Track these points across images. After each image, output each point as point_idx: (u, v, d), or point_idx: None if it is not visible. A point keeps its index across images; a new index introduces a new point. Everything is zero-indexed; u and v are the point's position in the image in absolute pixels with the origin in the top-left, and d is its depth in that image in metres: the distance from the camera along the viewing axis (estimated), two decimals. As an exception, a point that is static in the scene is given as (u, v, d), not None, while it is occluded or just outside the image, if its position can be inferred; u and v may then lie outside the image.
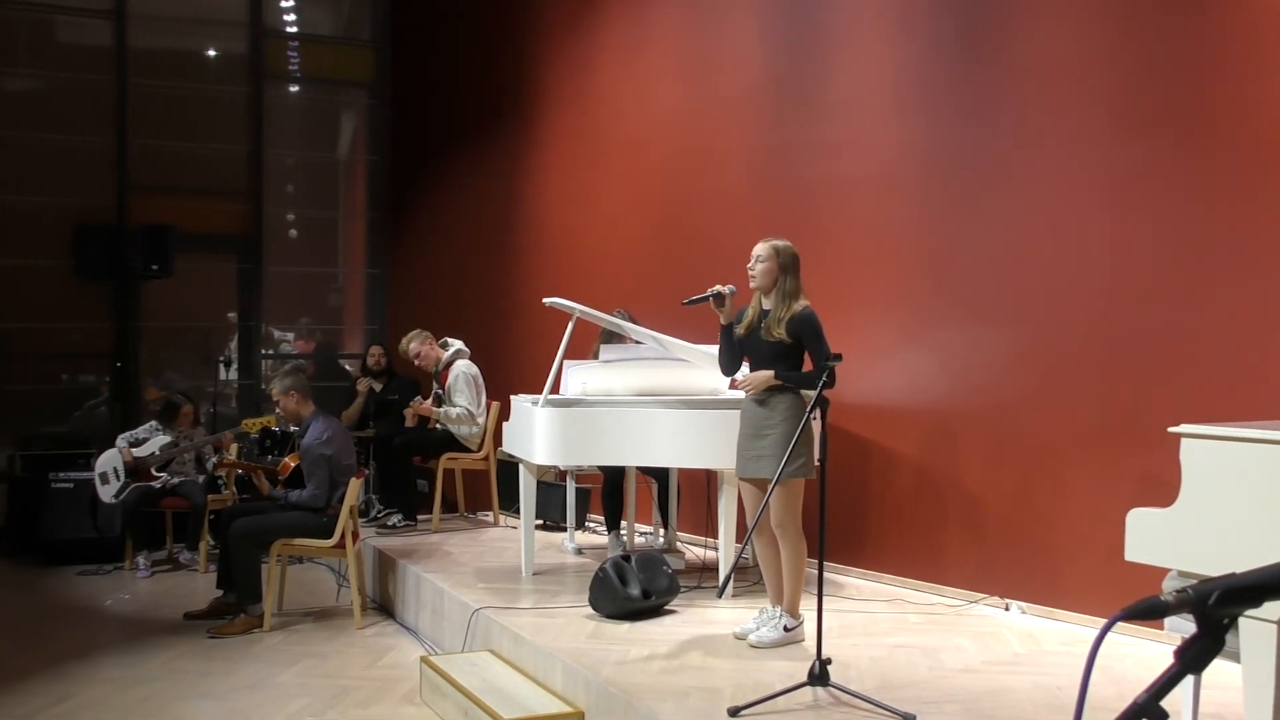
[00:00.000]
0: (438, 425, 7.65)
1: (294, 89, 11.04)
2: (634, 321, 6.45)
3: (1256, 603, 1.31)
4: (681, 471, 6.62)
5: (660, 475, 6.69)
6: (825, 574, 4.27)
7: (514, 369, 8.92)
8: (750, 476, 4.63)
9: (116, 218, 9.94)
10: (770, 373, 4.54)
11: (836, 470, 5.83)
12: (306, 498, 6.20)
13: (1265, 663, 2.92)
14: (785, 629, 4.62)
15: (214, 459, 7.83)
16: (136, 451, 7.77)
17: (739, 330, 4.66)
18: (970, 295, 5.75)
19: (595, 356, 6.54)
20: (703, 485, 6.68)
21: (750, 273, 4.63)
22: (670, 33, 7.86)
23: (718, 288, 4.63)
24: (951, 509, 5.81)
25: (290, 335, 11.03)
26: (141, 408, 9.87)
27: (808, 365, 4.63)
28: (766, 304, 4.62)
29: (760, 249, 4.63)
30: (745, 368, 4.74)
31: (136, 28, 10.12)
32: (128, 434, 7.95)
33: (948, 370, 5.85)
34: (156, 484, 7.77)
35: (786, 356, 4.56)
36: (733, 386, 4.63)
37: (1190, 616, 1.31)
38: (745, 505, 4.71)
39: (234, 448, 7.91)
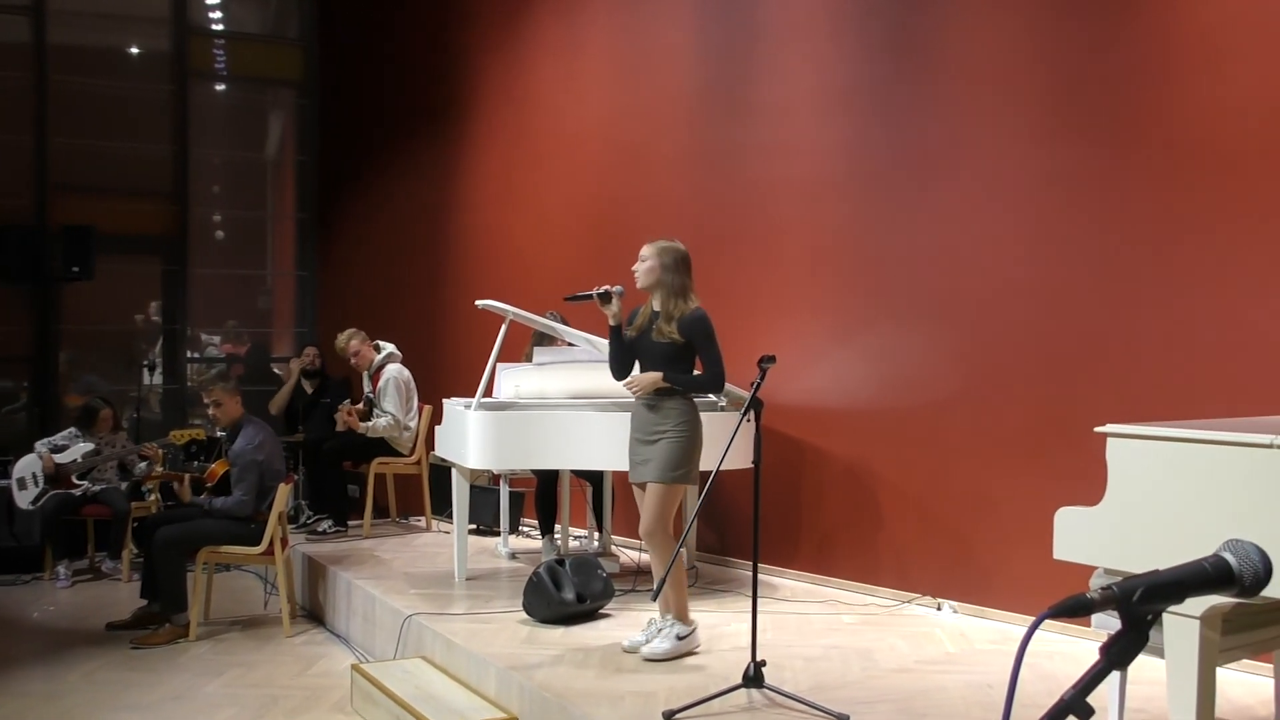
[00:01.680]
0: (366, 433, 7.58)
1: (220, 87, 10.88)
2: (567, 324, 6.43)
3: (1179, 599, 1.33)
4: (616, 474, 6.62)
5: (594, 478, 6.68)
6: (760, 576, 4.28)
7: (446, 372, 8.85)
8: (637, 479, 4.55)
9: (36, 218, 9.72)
10: (658, 375, 4.46)
11: (770, 472, 5.86)
12: (233, 505, 6.11)
13: (1188, 658, 2.98)
14: (678, 637, 4.51)
15: (142, 466, 7.66)
16: (58, 458, 7.60)
17: (629, 332, 4.58)
18: (901, 297, 5.80)
19: (528, 359, 6.52)
20: (637, 488, 6.68)
21: (634, 273, 4.54)
22: (604, 34, 7.85)
23: (605, 287, 4.53)
24: (884, 510, 5.86)
25: (216, 338, 10.87)
26: (61, 413, 9.65)
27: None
28: (656, 305, 4.54)
29: (645, 249, 4.55)
30: (636, 369, 4.68)
31: (56, 24, 9.90)
32: (47, 440, 7.78)
33: (879, 371, 5.91)
34: (77, 491, 7.60)
35: (677, 359, 4.47)
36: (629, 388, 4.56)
37: (1115, 613, 1.33)
38: (642, 508, 4.60)
39: (160, 455, 7.76)
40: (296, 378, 8.76)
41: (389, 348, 7.87)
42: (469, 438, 5.62)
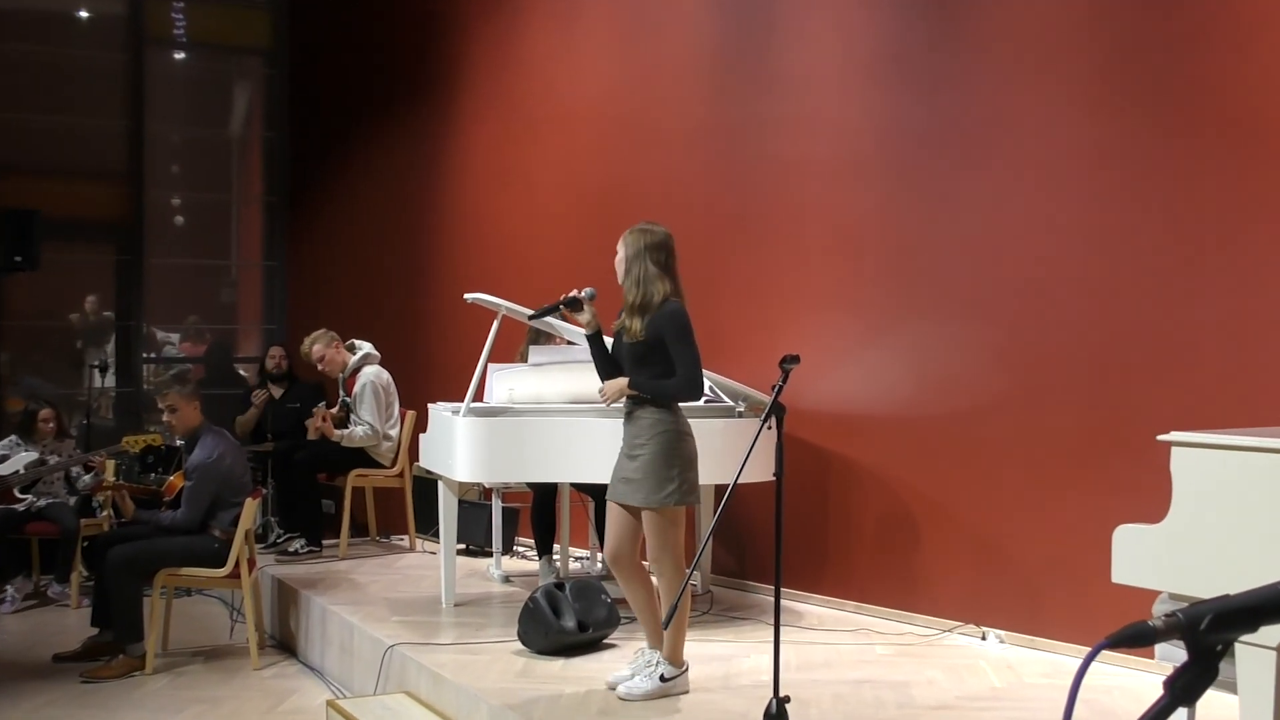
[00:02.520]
0: (340, 442, 7.60)
1: (180, 56, 10.90)
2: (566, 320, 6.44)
3: (1252, 627, 1.33)
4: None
5: (597, 493, 6.68)
6: (782, 602, 4.29)
7: (431, 374, 8.86)
8: (618, 500, 4.50)
9: (-27, 202, 9.75)
10: (624, 381, 4.42)
11: (793, 485, 5.85)
12: (181, 520, 6.12)
13: (1263, 694, 2.98)
14: (662, 678, 4.46)
15: (85, 479, 7.67)
16: (-1, 469, 7.62)
17: (612, 333, 4.54)
18: (938, 290, 5.81)
19: (523, 359, 6.52)
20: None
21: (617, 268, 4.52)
22: (606, -4, 7.87)
23: (573, 293, 4.49)
24: (921, 527, 5.86)
25: (175, 336, 10.89)
26: (2, 419, 9.67)
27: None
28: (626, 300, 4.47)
29: (620, 243, 4.50)
30: None
31: (-4, -15, 9.94)
32: (-15, 449, 7.79)
33: (914, 373, 5.91)
34: (20, 506, 7.61)
35: (647, 361, 4.41)
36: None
37: (1181, 643, 1.33)
38: (607, 530, 4.60)
39: (110, 465, 7.77)
40: (261, 406, 8.77)
41: (366, 347, 7.87)
42: (457, 447, 5.63)
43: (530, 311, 5.07)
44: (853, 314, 6.20)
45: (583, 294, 4.50)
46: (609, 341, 4.60)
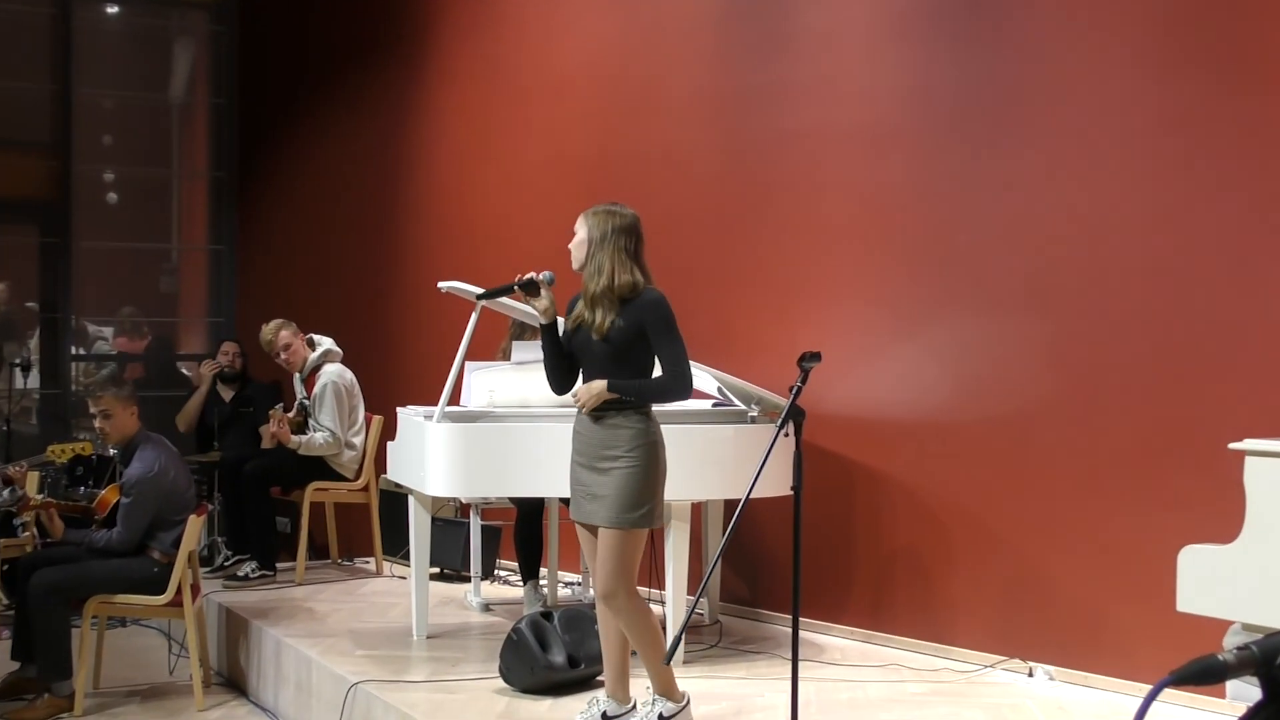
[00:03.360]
0: (297, 451, 7.60)
1: (112, 10, 10.89)
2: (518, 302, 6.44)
3: (1338, 662, 1.34)
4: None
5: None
6: (801, 633, 4.30)
7: (401, 373, 8.86)
8: (584, 520, 4.48)
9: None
10: (602, 384, 4.37)
11: (814, 500, 5.85)
12: (115, 541, 6.12)
13: (1348, 737, 2.99)
14: (661, 718, 4.45)
15: (3, 494, 7.64)
16: (-94, 484, 7.62)
17: (567, 325, 4.51)
18: (979, 278, 5.81)
19: (506, 357, 6.53)
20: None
21: (572, 252, 4.50)
22: (600, -57, 7.87)
23: (529, 274, 4.47)
24: (959, 549, 5.87)
25: (109, 331, 10.88)
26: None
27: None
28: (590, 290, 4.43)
29: (580, 223, 4.50)
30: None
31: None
32: (-109, 462, 7.80)
33: (951, 373, 5.91)
34: (-68, 526, 7.62)
35: (622, 358, 4.38)
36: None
37: (1255, 679, 1.33)
38: (585, 552, 4.59)
39: (33, 478, 7.76)
40: (210, 384, 8.77)
41: (326, 343, 7.87)
42: (430, 457, 5.63)
43: (481, 291, 5.03)
44: (881, 305, 6.21)
45: (541, 277, 4.47)
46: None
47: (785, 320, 6.55)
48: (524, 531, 6.63)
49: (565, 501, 6.64)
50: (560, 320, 4.53)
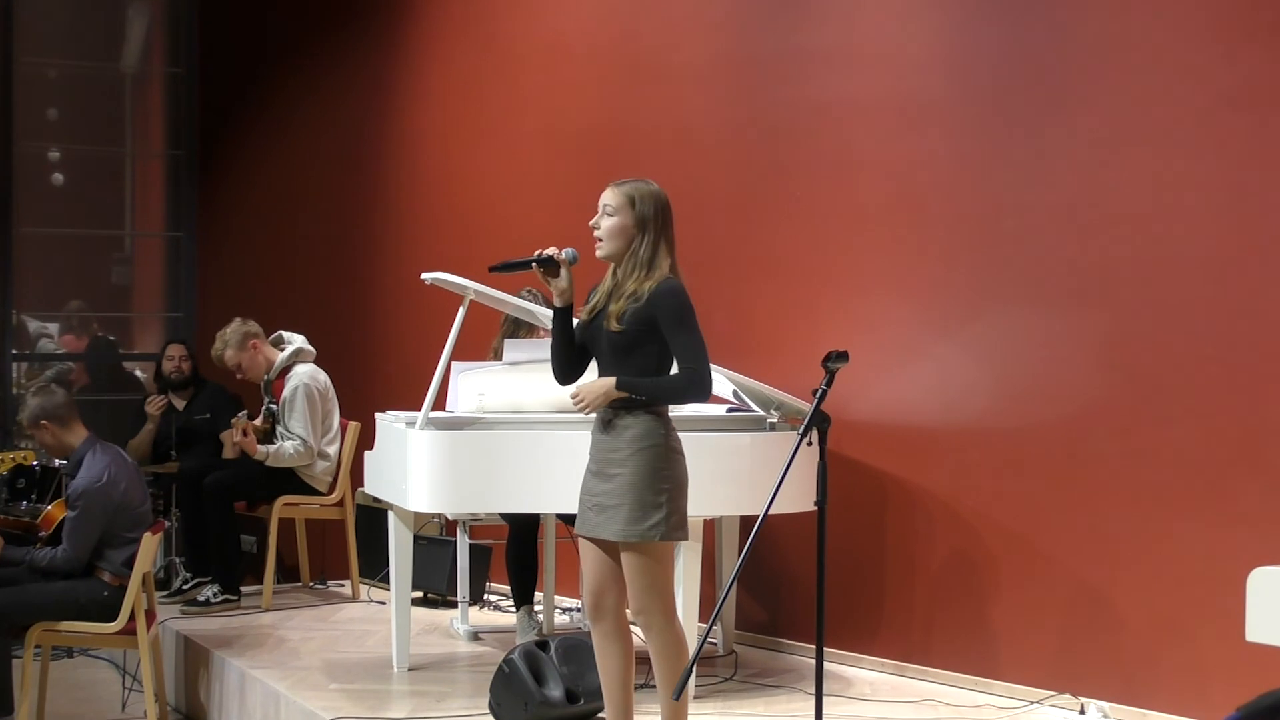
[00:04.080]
0: (263, 462, 7.59)
1: (58, -30, 10.90)
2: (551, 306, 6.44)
3: None
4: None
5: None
6: (825, 664, 4.29)
7: (380, 375, 8.86)
8: (589, 534, 4.48)
9: None
10: (609, 381, 4.37)
11: (839, 517, 5.87)
12: (60, 560, 6.12)
13: None
14: None
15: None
16: None
17: (582, 317, 4.52)
18: (1026, 268, 5.81)
19: (497, 357, 6.53)
20: (651, 540, 6.69)
21: (594, 233, 4.47)
22: (603, -106, 7.87)
23: (549, 250, 4.46)
24: (1003, 571, 5.86)
25: (54, 327, 10.87)
26: None
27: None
28: (618, 277, 4.44)
29: (609, 196, 4.47)
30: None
31: None
32: None
33: (994, 374, 5.91)
34: None
35: (633, 353, 4.38)
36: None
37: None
38: (584, 570, 4.59)
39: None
40: (158, 423, 8.73)
41: (297, 341, 7.86)
42: (412, 468, 5.63)
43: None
44: (916, 299, 6.20)
45: (563, 254, 4.46)
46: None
47: (808, 316, 6.54)
48: (517, 551, 6.62)
49: (563, 518, 6.68)
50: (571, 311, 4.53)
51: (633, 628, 4.49)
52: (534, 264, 4.46)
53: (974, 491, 5.98)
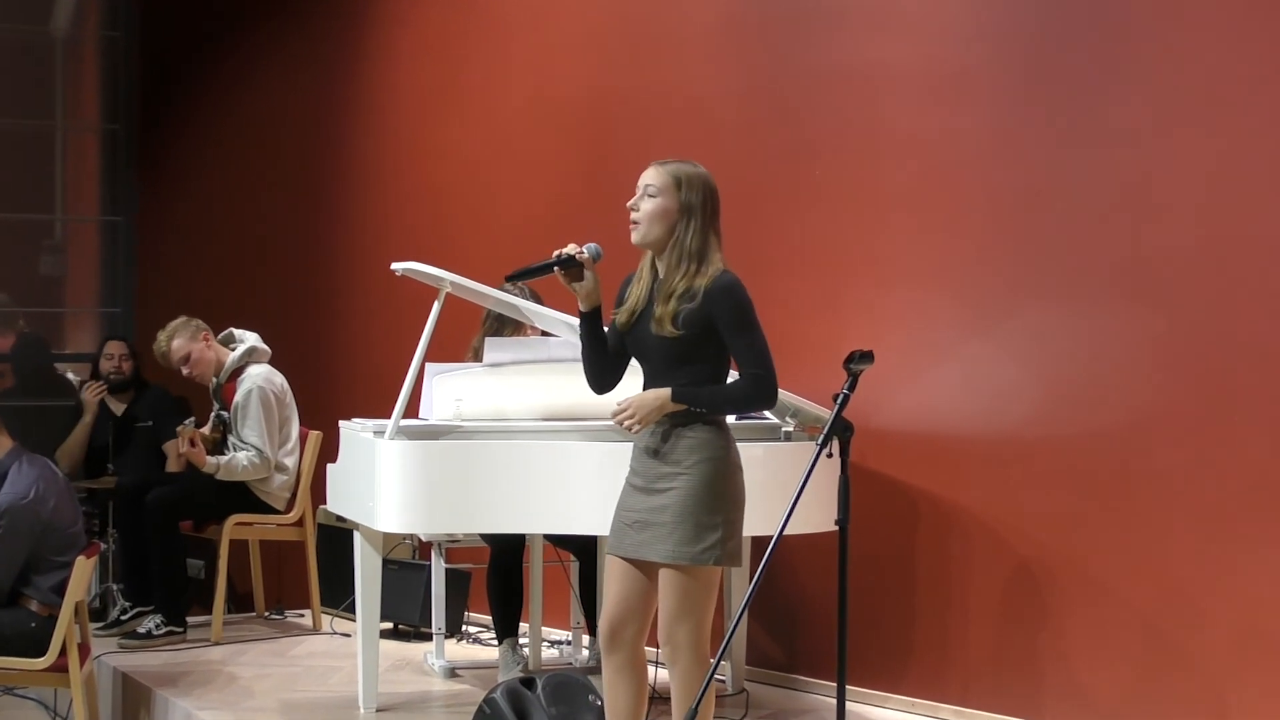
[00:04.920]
0: (214, 475, 7.59)
1: (-20, -80, 10.91)
2: (540, 300, 6.44)
3: None
4: (617, 542, 6.64)
5: (583, 548, 6.70)
6: (848, 705, 4.30)
7: (344, 379, 8.87)
8: (626, 554, 4.50)
9: None
10: (664, 393, 4.40)
11: (864, 537, 5.87)
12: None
13: None
14: None
15: None
16: None
17: (620, 319, 4.54)
18: (1073, 257, 5.81)
19: (477, 357, 6.54)
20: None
21: (632, 218, 4.49)
22: None
23: (569, 249, 4.48)
24: (1051, 598, 5.86)
25: (-25, 325, 10.89)
26: None
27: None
28: (661, 270, 4.49)
29: (650, 175, 4.49)
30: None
31: None
32: None
33: (1040, 378, 5.91)
34: None
35: (690, 359, 4.43)
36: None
37: None
38: (607, 593, 4.60)
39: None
40: (96, 413, 8.73)
41: (250, 340, 7.85)
42: (381, 483, 5.64)
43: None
44: (949, 292, 6.22)
45: (584, 251, 4.48)
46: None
47: (828, 311, 6.55)
48: (500, 577, 6.63)
49: (551, 539, 6.69)
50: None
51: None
52: (555, 267, 4.49)
53: (1016, 510, 5.99)
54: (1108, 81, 5.73)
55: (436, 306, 5.88)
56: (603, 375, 4.62)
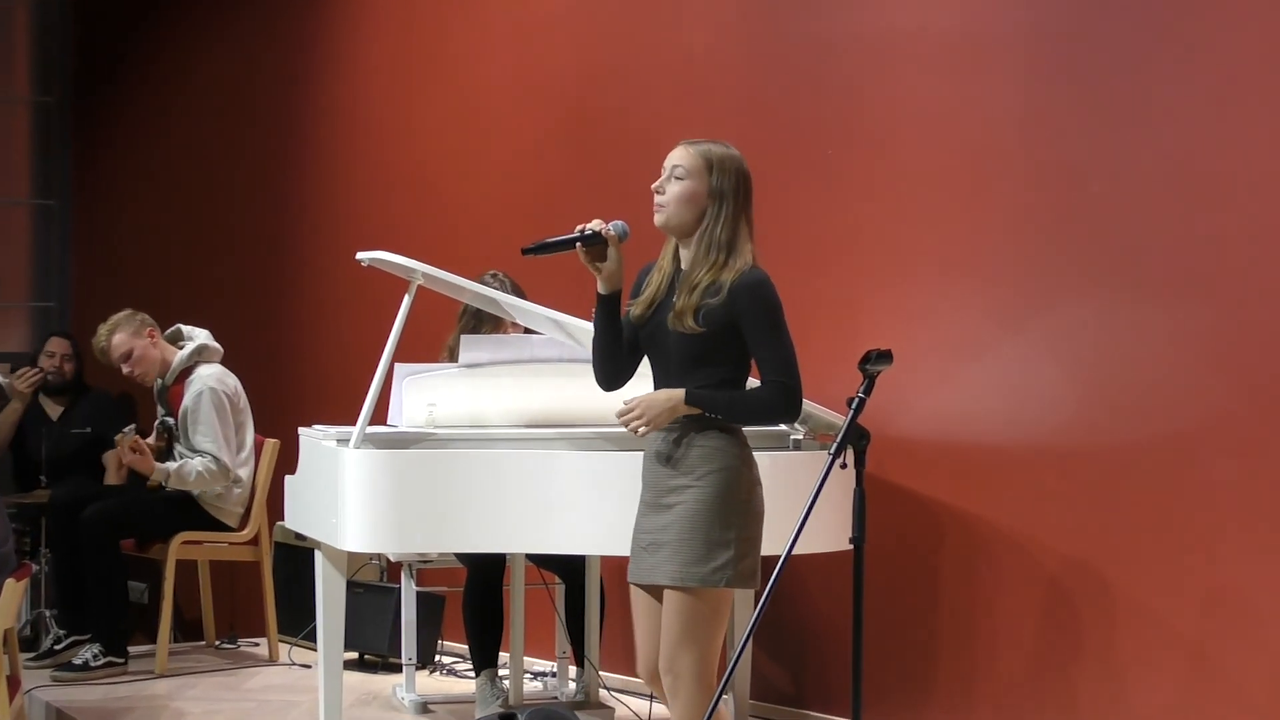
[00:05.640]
0: (163, 484, 7.58)
1: None
2: (523, 294, 6.44)
3: None
4: (608, 563, 6.65)
5: (569, 569, 6.71)
6: (864, 742, 4.31)
7: (305, 381, 8.87)
8: (642, 581, 4.55)
9: None
10: (677, 394, 4.43)
11: (882, 559, 5.88)
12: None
13: None
14: None
15: None
16: None
17: (635, 310, 4.58)
18: (1117, 248, 5.81)
19: (453, 358, 6.54)
20: (646, 588, 6.70)
21: (656, 200, 4.52)
22: None
23: (593, 225, 4.50)
24: (1088, 627, 5.87)
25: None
26: None
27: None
28: (684, 261, 4.53)
29: (677, 155, 4.53)
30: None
31: None
32: None
33: (1079, 379, 5.91)
34: None
35: (712, 359, 4.46)
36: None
37: None
38: (638, 630, 4.64)
39: None
40: (27, 400, 8.72)
41: (199, 338, 7.83)
42: (345, 498, 5.64)
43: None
44: (978, 283, 6.22)
45: (609, 228, 4.50)
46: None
47: (842, 306, 6.56)
48: (477, 602, 6.64)
49: (534, 559, 6.70)
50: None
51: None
52: (577, 243, 4.51)
53: (1050, 527, 5.99)
54: (1156, 49, 5.72)
55: (407, 300, 5.87)
56: (614, 369, 4.66)
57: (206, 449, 7.50)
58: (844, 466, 4.20)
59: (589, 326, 5.76)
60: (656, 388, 4.52)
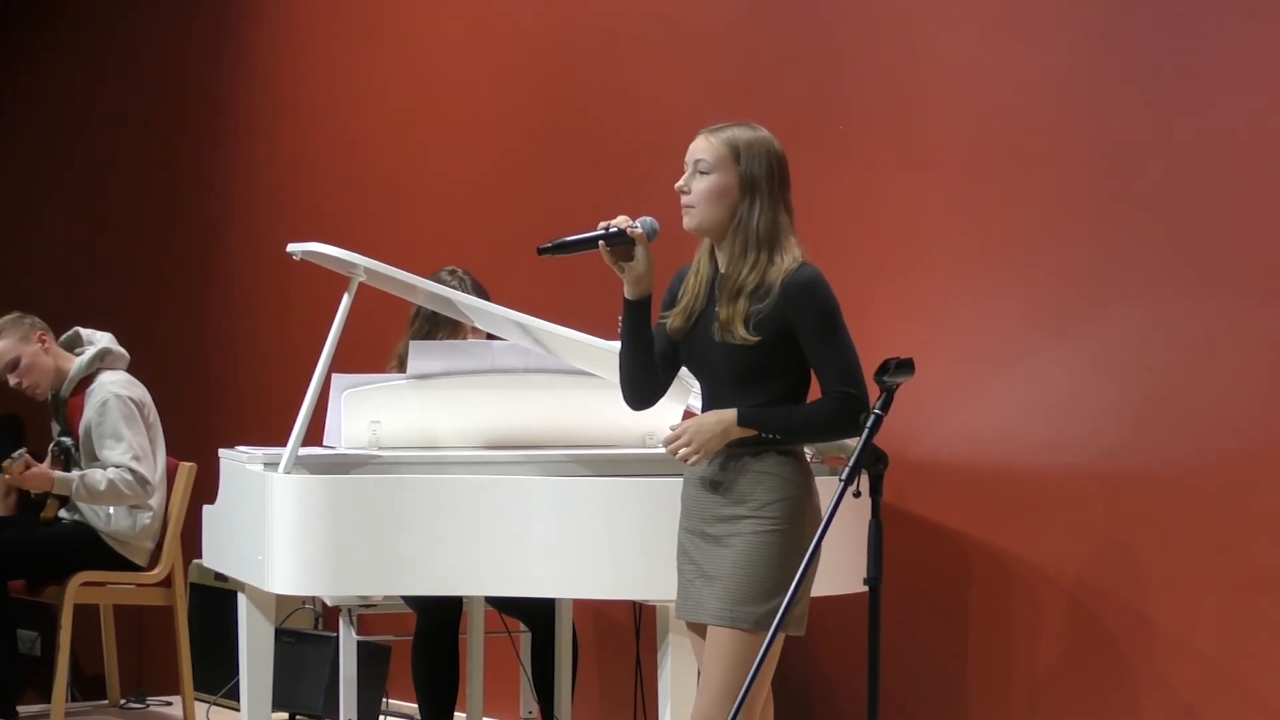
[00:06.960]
0: (62, 513, 7.58)
1: None
2: (485, 293, 6.46)
3: None
4: (581, 608, 6.67)
5: (536, 615, 6.73)
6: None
7: (226, 395, 8.89)
8: (691, 618, 4.62)
9: None
10: (729, 415, 4.47)
11: (902, 600, 5.91)
12: None
13: None
14: None
15: None
16: None
17: (673, 322, 4.62)
18: (1173, 244, 5.83)
19: (400, 368, 6.56)
20: (626, 634, 6.76)
21: (683, 201, 4.58)
22: None
23: (619, 221, 4.56)
24: (1141, 676, 5.89)
25: None
26: None
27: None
28: (722, 263, 4.58)
29: (702, 148, 4.59)
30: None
31: None
32: None
33: (1128, 394, 5.93)
34: None
35: (765, 373, 4.51)
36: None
37: None
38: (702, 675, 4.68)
39: None
40: None
41: (101, 342, 7.82)
42: (274, 531, 5.65)
43: (415, 277, 5.03)
44: (1013, 283, 6.25)
45: (637, 226, 4.55)
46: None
47: (857, 307, 6.52)
48: (429, 654, 6.66)
49: (494, 603, 6.71)
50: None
51: None
52: (600, 241, 4.56)
53: (1096, 562, 6.02)
54: (1220, 25, 5.74)
55: (346, 300, 5.87)
56: (645, 386, 4.70)
57: (119, 461, 7.45)
58: (857, 495, 4.22)
59: (558, 330, 5.83)
60: (705, 409, 4.58)
